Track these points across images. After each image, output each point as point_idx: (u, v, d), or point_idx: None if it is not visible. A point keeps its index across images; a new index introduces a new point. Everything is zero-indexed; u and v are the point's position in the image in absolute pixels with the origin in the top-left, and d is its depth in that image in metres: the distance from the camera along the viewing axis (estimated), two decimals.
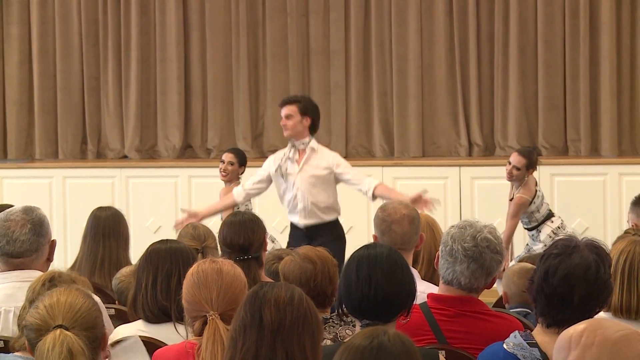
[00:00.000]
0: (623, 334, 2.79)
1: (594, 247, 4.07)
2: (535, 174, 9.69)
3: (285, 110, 8.84)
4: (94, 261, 6.42)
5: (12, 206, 5.65)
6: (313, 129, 8.96)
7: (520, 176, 9.29)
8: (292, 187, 8.87)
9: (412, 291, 4.35)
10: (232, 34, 12.34)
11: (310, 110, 8.90)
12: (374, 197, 8.82)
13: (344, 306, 4.33)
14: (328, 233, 8.82)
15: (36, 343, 3.52)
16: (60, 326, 3.49)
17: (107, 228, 6.47)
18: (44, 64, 12.56)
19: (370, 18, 12.18)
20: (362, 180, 8.91)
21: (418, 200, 8.31)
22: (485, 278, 4.74)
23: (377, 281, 4.22)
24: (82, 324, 3.56)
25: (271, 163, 9.03)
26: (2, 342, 4.69)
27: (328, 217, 8.93)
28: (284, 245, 8.76)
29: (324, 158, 8.90)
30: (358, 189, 8.91)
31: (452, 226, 4.83)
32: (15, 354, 4.32)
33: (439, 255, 4.78)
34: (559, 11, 11.75)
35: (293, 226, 9.06)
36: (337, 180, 8.93)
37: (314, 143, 8.91)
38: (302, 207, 8.80)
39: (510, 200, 9.44)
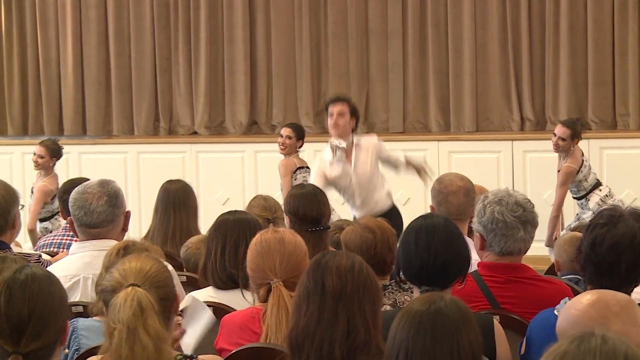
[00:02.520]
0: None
1: (638, 216, 4.04)
2: (584, 147, 9.65)
3: (338, 107, 8.51)
4: (166, 232, 6.43)
5: (88, 180, 5.67)
6: (354, 130, 8.68)
7: (566, 147, 9.23)
8: (349, 187, 8.61)
9: (467, 259, 4.32)
10: (295, 15, 12.34)
11: (356, 112, 8.70)
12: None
13: (402, 274, 4.31)
14: (390, 219, 8.72)
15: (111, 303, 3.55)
16: (132, 284, 3.51)
17: (177, 200, 6.48)
18: (120, 45, 12.65)
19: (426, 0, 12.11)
20: (394, 154, 8.82)
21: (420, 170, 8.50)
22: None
23: (436, 249, 4.19)
24: (152, 283, 3.58)
25: (324, 166, 8.58)
26: (81, 307, 4.72)
27: (385, 206, 8.80)
28: (342, 216, 8.71)
29: (367, 149, 8.63)
30: (395, 165, 8.80)
31: (484, 205, 4.75)
32: (93, 318, 4.36)
33: (479, 236, 4.72)
34: None
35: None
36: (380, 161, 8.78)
37: (355, 139, 8.61)
38: (360, 203, 8.69)
39: (559, 171, 9.39)
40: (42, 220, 9.60)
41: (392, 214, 8.46)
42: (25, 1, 12.81)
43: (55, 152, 9.71)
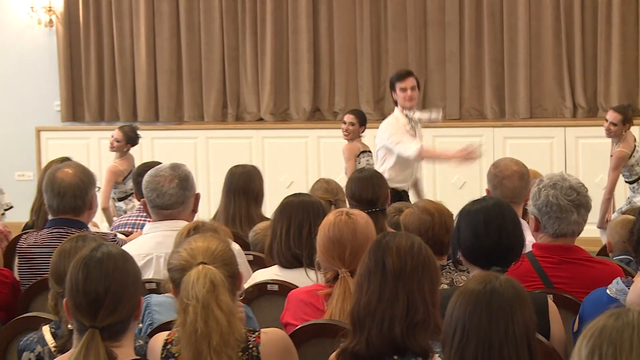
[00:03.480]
0: None
1: None
2: (636, 132, 9.55)
3: (411, 82, 8.65)
4: (228, 215, 6.44)
5: (160, 163, 5.70)
6: None
7: (618, 132, 9.19)
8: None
9: (524, 241, 4.30)
10: (356, 7, 12.34)
11: (420, 85, 8.88)
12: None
13: (459, 255, 4.28)
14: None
15: (180, 282, 3.56)
16: (202, 263, 3.53)
17: (239, 185, 6.47)
18: (190, 36, 12.70)
19: None
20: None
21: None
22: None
23: (507, 231, 4.18)
24: (220, 261, 3.61)
25: (401, 122, 8.73)
26: (154, 284, 4.75)
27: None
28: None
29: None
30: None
31: (539, 189, 4.72)
32: (166, 294, 4.38)
33: (534, 219, 4.68)
34: None
35: (395, 192, 8.49)
36: None
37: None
38: (414, 174, 8.90)
39: (611, 156, 9.32)
40: (118, 200, 9.70)
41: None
42: None
43: (131, 139, 9.79)
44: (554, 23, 11.84)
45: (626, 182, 9.39)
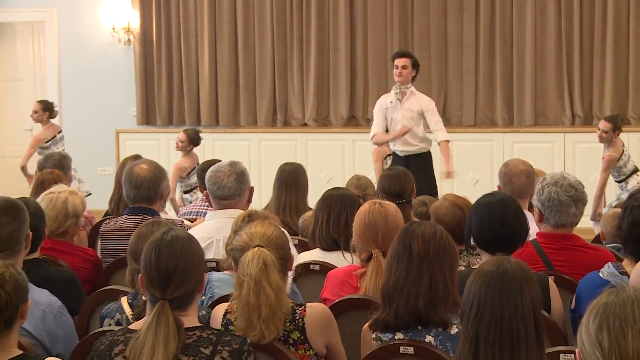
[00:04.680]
0: None
1: None
2: (625, 138, 9.52)
3: (402, 61, 8.93)
4: (279, 205, 6.45)
5: (220, 161, 5.72)
6: (414, 78, 9.07)
7: (609, 138, 9.16)
8: (395, 119, 8.95)
9: (527, 230, 4.27)
10: (387, 29, 12.31)
11: (417, 65, 9.04)
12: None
13: (472, 241, 4.27)
14: (420, 162, 8.89)
15: (239, 261, 3.58)
16: (257, 245, 3.53)
17: (289, 180, 6.48)
18: (246, 53, 12.71)
19: (495, 16, 11.99)
20: (437, 130, 8.96)
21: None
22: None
23: (508, 222, 4.16)
24: (273, 244, 3.63)
25: (382, 104, 9.13)
26: (214, 263, 4.76)
27: (420, 148, 8.95)
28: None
29: (418, 101, 8.97)
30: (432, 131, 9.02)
31: (543, 186, 4.70)
32: (224, 272, 4.39)
33: (538, 211, 4.66)
34: None
35: (394, 154, 9.11)
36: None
37: (412, 89, 8.98)
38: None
39: (603, 158, 9.30)
40: (184, 192, 9.76)
41: (426, 157, 8.98)
42: (172, 17, 12.93)
43: (193, 141, 9.86)
44: (556, 44, 11.77)
45: (615, 181, 9.36)
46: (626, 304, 2.10)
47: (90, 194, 9.72)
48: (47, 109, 10.73)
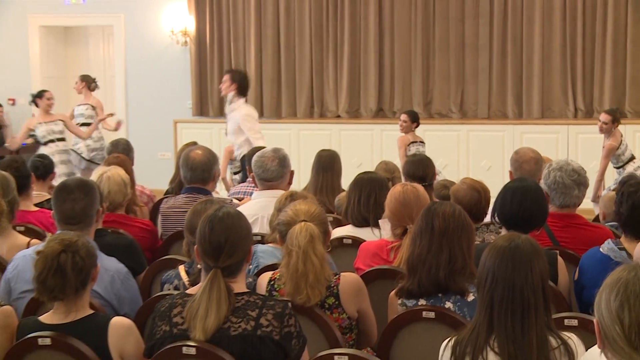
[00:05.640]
0: None
1: None
2: (622, 130, 9.44)
3: (223, 77, 8.85)
4: (317, 186, 6.43)
5: (265, 148, 5.73)
6: (241, 91, 8.78)
7: (608, 129, 9.10)
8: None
9: (546, 214, 4.25)
10: (411, 33, 12.24)
11: (237, 79, 8.75)
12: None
13: (496, 218, 4.24)
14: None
15: (285, 234, 3.60)
16: (303, 220, 3.55)
17: (325, 165, 6.46)
18: (287, 54, 12.69)
19: (507, 22, 11.86)
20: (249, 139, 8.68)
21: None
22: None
23: (526, 205, 4.12)
24: (317, 220, 3.66)
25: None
26: (260, 236, 4.76)
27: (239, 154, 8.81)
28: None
29: (236, 111, 8.71)
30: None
31: (549, 171, 4.66)
32: (268, 244, 4.39)
33: (545, 193, 4.62)
34: None
35: None
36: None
37: (237, 100, 8.72)
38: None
39: (603, 147, 9.23)
40: (233, 173, 9.77)
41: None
42: (223, 22, 12.93)
43: None
44: (561, 46, 11.64)
45: (614, 167, 9.29)
46: None
47: None
48: (84, 80, 10.98)
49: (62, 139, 10.35)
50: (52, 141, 10.27)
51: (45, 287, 3.20)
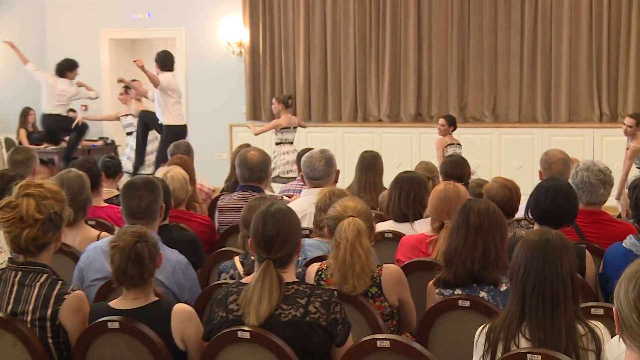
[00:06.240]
0: None
1: None
2: None
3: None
4: (360, 185, 6.41)
5: (313, 149, 5.73)
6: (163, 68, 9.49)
7: (632, 132, 8.95)
8: None
9: (576, 212, 4.21)
10: (448, 44, 12.19)
11: (158, 61, 9.51)
12: None
13: (530, 214, 4.20)
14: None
15: (334, 228, 3.60)
16: (350, 216, 3.54)
17: (368, 164, 6.43)
18: (333, 62, 12.70)
19: (537, 32, 11.77)
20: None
21: None
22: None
23: (558, 203, 4.10)
24: (363, 215, 3.65)
25: None
26: (308, 231, 4.76)
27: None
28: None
29: None
30: None
31: (577, 171, 4.61)
32: (314, 238, 4.38)
33: None
34: None
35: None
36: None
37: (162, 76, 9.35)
38: None
39: (627, 149, 9.08)
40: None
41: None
42: (275, 34, 12.98)
43: (284, 101, 10.10)
44: (588, 55, 11.52)
45: (637, 167, 9.13)
46: None
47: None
48: (128, 92, 11.14)
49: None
50: (131, 134, 10.41)
51: (126, 276, 3.24)
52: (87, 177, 4.77)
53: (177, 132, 9.35)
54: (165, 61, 9.50)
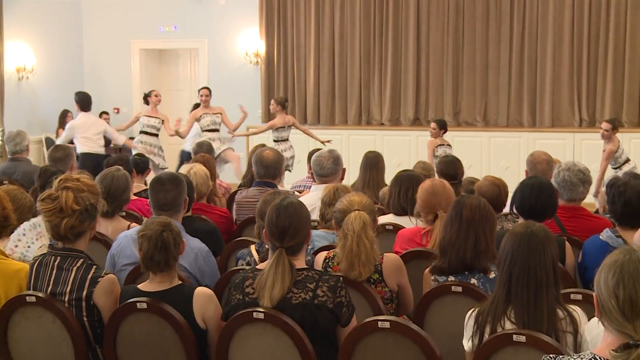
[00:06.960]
0: None
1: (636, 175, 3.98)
2: (620, 137, 9.30)
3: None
4: (364, 182, 6.39)
5: (321, 149, 5.71)
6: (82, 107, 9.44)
7: (608, 135, 8.98)
8: None
9: (555, 207, 4.21)
10: (444, 55, 12.17)
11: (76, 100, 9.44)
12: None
13: (514, 209, 4.20)
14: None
15: (341, 220, 3.59)
16: (356, 209, 3.54)
17: (371, 163, 6.40)
18: (340, 70, 12.68)
19: (524, 46, 11.73)
20: None
21: None
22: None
23: (542, 199, 4.09)
24: (367, 209, 3.64)
25: None
26: (316, 223, 4.75)
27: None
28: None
29: None
30: None
31: (559, 171, 4.60)
32: (321, 230, 4.38)
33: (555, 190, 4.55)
34: None
35: None
36: None
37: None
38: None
39: (604, 151, 9.08)
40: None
41: None
42: (288, 45, 12.96)
43: (281, 103, 10.14)
44: (569, 66, 11.51)
45: (612, 168, 9.15)
46: (638, 267, 2.05)
47: (166, 168, 9.86)
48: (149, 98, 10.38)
49: (156, 135, 10.38)
50: (145, 133, 10.23)
51: (153, 261, 3.25)
52: (131, 178, 4.77)
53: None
54: (83, 102, 9.47)
